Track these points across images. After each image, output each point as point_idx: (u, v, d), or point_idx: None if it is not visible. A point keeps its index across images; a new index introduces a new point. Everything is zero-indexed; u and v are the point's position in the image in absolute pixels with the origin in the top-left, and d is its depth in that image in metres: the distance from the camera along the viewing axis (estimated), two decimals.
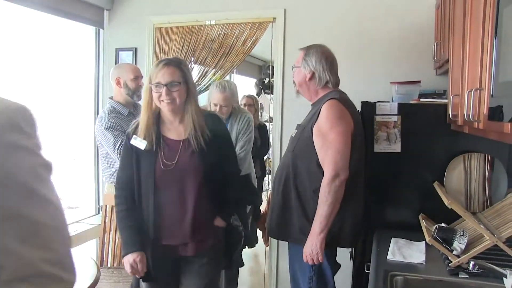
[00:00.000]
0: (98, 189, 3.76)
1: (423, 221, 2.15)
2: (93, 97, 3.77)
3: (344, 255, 2.60)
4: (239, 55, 3.45)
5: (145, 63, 3.60)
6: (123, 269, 2.50)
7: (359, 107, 2.38)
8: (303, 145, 2.10)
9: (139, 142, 1.96)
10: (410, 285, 1.72)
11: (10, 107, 0.74)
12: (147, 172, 1.96)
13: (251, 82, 6.29)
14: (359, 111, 2.33)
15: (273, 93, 3.43)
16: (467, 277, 1.69)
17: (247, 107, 3.79)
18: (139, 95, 2.68)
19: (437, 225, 1.92)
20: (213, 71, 3.52)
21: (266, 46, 3.40)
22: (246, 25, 3.39)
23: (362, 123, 2.22)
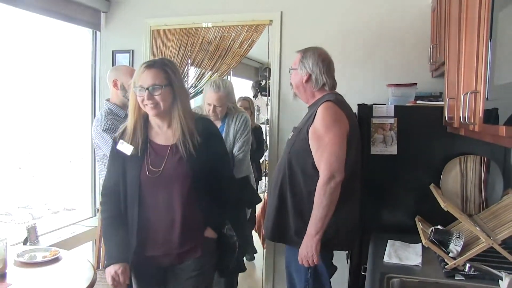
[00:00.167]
0: (94, 191, 3.75)
1: (420, 223, 2.15)
2: (90, 99, 3.77)
3: (340, 257, 2.60)
4: (235, 57, 3.45)
5: None
6: None
7: (355, 109, 2.39)
8: (299, 147, 2.10)
9: (125, 147, 1.89)
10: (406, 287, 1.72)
11: None
12: (132, 178, 1.88)
13: (248, 84, 6.32)
14: (355, 113, 2.33)
15: (270, 95, 3.44)
16: (463, 279, 1.69)
17: None
18: None
19: (433, 227, 1.92)
20: (210, 73, 3.52)
21: (262, 48, 3.41)
22: (242, 28, 3.39)
23: (358, 125, 2.22)
